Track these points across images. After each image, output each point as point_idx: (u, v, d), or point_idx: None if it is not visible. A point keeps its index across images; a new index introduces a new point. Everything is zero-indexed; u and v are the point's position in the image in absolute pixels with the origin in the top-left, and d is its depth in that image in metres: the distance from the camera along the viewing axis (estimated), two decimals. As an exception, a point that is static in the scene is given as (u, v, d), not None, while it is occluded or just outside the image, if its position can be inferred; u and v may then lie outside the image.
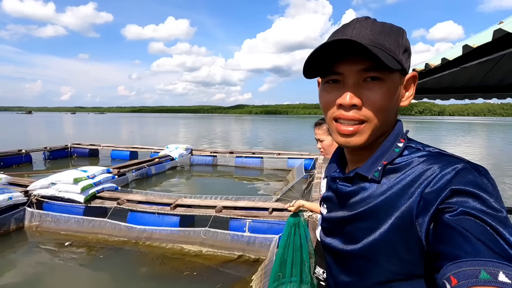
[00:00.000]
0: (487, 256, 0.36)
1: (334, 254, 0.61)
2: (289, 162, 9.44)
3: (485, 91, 2.71)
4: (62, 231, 4.36)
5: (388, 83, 0.50)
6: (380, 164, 0.53)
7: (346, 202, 0.58)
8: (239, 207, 4.30)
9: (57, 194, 4.70)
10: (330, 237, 0.62)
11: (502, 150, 16.96)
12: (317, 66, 0.53)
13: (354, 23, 0.51)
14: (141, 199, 4.67)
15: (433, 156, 0.49)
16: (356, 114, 0.50)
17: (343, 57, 0.50)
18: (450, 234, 0.39)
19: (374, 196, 0.52)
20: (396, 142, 0.55)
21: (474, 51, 1.07)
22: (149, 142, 16.64)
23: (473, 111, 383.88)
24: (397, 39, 0.50)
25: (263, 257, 3.62)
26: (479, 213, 0.39)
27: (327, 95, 0.54)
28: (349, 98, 0.49)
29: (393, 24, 0.52)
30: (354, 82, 0.50)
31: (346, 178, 0.59)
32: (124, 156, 10.68)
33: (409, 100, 0.56)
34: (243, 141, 20.74)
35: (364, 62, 0.49)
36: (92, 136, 22.27)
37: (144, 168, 8.02)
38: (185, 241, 3.99)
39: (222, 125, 47.63)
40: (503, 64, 2.21)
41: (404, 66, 0.51)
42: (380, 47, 0.48)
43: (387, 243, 0.49)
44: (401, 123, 0.58)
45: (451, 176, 0.43)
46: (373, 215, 0.51)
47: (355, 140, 0.52)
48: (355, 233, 0.54)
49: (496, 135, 29.77)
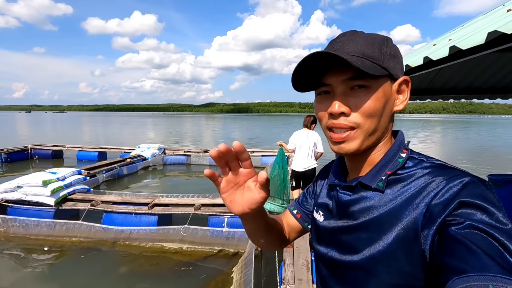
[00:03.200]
0: (494, 271, 0.35)
1: (330, 265, 0.60)
2: (263, 160, 9.69)
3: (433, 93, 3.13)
4: (32, 236, 4.18)
5: (375, 89, 0.51)
6: (384, 174, 0.54)
7: (346, 211, 0.57)
8: (217, 204, 4.42)
9: (24, 197, 4.48)
10: (325, 247, 0.62)
11: (454, 143, 18.78)
12: (307, 79, 0.55)
13: (340, 37, 0.54)
14: (116, 200, 4.60)
15: (438, 168, 0.50)
16: (345, 121, 0.52)
17: (329, 69, 0.53)
18: (457, 247, 0.39)
19: (378, 206, 0.52)
20: (399, 152, 0.56)
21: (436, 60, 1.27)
22: (117, 142, 16.02)
23: (430, 109, 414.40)
24: (381, 47, 0.52)
25: (242, 250, 3.79)
26: (487, 227, 0.39)
27: (320, 106, 0.56)
28: (337, 106, 0.52)
29: (379, 34, 0.55)
30: (341, 91, 0.52)
31: (348, 187, 0.59)
32: (92, 157, 10.24)
33: (403, 104, 0.56)
34: (215, 140, 20.68)
35: (348, 72, 0.51)
36: (53, 136, 20.89)
37: (116, 169, 7.79)
38: (164, 239, 4.04)
39: (193, 124, 46.87)
40: (446, 70, 2.58)
41: (391, 71, 0.52)
42: (362, 56, 0.50)
43: (389, 255, 0.48)
44: (402, 134, 0.59)
45: (459, 188, 0.43)
46: (376, 226, 0.51)
47: (347, 147, 0.53)
48: (356, 243, 0.53)
49: (450, 131, 32.61)
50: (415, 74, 1.61)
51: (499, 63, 2.61)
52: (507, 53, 2.34)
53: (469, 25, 1.58)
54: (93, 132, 27.71)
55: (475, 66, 2.71)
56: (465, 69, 2.75)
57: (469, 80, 2.99)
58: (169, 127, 37.23)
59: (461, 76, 2.90)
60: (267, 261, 3.60)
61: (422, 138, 23.09)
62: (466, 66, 2.66)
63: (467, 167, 10.42)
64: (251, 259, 3.03)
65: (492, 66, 2.70)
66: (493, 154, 14.31)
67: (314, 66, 0.53)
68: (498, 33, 0.73)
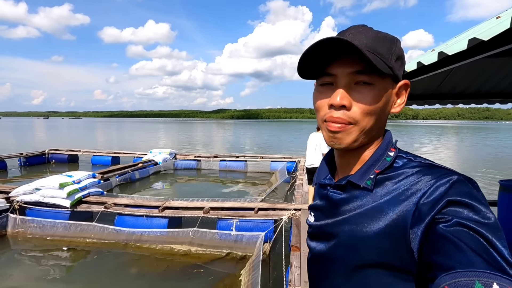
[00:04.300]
0: (481, 267, 0.36)
1: (317, 259, 0.61)
2: (272, 165, 9.72)
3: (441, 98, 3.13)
4: (48, 237, 4.35)
5: (378, 88, 0.51)
6: (372, 172, 0.54)
7: (337, 210, 0.57)
8: (226, 208, 4.49)
9: (41, 199, 4.68)
10: (315, 242, 0.62)
11: (468, 148, 18.27)
12: (312, 67, 0.54)
13: (351, 29, 0.52)
14: (128, 203, 4.74)
15: (426, 167, 0.50)
16: (344, 115, 0.51)
17: (336, 59, 0.51)
18: (444, 245, 0.39)
19: (367, 204, 0.52)
20: (387, 151, 0.55)
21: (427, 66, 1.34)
22: (130, 147, 16.42)
23: (444, 115, 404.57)
24: (391, 46, 0.51)
25: (250, 253, 3.83)
26: (474, 224, 0.39)
27: (320, 96, 0.55)
28: (339, 98, 0.50)
29: (388, 33, 0.53)
30: (345, 84, 0.51)
31: (338, 186, 0.58)
32: (106, 161, 10.53)
33: (400, 107, 0.56)
34: (226, 145, 20.86)
35: (356, 65, 0.50)
36: (69, 141, 21.57)
37: (128, 173, 8.00)
38: (174, 242, 4.13)
39: (204, 130, 47.40)
40: (452, 75, 2.59)
41: (396, 72, 0.52)
42: (372, 51, 0.49)
43: (374, 248, 0.49)
44: (390, 133, 0.59)
45: (447, 187, 0.44)
46: (360, 219, 0.51)
47: (341, 137, 0.53)
48: (339, 236, 0.54)
49: (465, 137, 31.73)
50: (413, 79, 1.65)
51: (508, 67, 2.60)
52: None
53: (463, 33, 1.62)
54: (107, 137, 28.46)
55: (483, 71, 2.70)
56: (472, 74, 2.74)
57: (477, 85, 2.98)
58: (180, 132, 37.80)
59: (469, 81, 2.89)
60: (275, 264, 3.63)
61: (436, 145, 22.59)
62: (473, 71, 2.66)
63: (482, 174, 10.14)
64: (258, 261, 3.07)
65: (500, 71, 2.69)
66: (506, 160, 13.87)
67: (322, 54, 0.51)
68: (477, 40, 0.77)
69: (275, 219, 4.20)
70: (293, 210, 4.27)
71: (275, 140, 26.63)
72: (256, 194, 7.11)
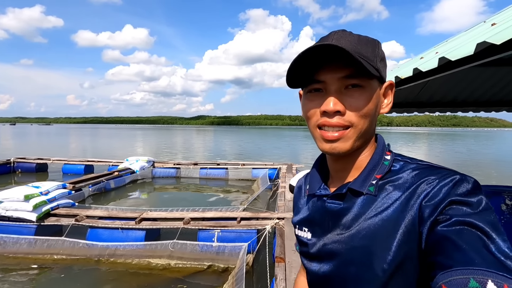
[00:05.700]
0: (477, 264, 0.36)
1: (324, 281, 0.57)
2: (254, 172, 9.63)
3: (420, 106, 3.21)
4: (10, 254, 3.97)
5: (368, 90, 0.51)
6: (373, 178, 0.53)
7: (338, 222, 0.54)
8: (207, 218, 4.33)
9: (3, 213, 4.28)
10: (317, 263, 0.58)
11: (438, 156, 19.22)
12: (300, 75, 0.53)
13: (333, 34, 0.52)
14: (102, 215, 4.45)
15: (426, 168, 0.50)
16: (340, 120, 0.50)
17: (324, 65, 0.51)
18: (444, 244, 0.40)
19: (372, 212, 0.50)
20: (383, 155, 0.55)
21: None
22: (105, 155, 15.68)
23: (416, 122, 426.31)
24: (374, 48, 0.52)
25: (232, 265, 3.68)
26: (472, 218, 0.40)
27: (310, 104, 0.54)
28: (332, 104, 0.50)
29: (368, 36, 0.54)
30: (336, 89, 0.51)
31: (337, 195, 0.56)
32: (78, 170, 9.97)
33: (388, 107, 0.56)
34: (206, 152, 20.52)
35: (345, 70, 0.50)
36: (38, 149, 20.29)
37: (102, 183, 7.59)
38: (152, 255, 3.90)
39: (184, 136, 46.57)
40: (432, 83, 2.66)
41: (382, 74, 0.52)
42: (359, 55, 0.48)
43: (397, 264, 0.47)
44: (381, 136, 0.59)
45: (450, 187, 0.44)
46: (374, 233, 0.49)
47: (340, 145, 0.52)
48: (351, 253, 0.51)
49: (435, 143, 33.41)
50: (403, 86, 1.64)
51: (483, 77, 2.70)
52: (490, 67, 2.43)
53: (454, 40, 1.64)
54: (80, 144, 27.11)
55: (460, 80, 2.80)
56: (450, 83, 2.84)
57: (454, 94, 3.09)
58: (159, 139, 36.84)
59: (447, 90, 2.99)
60: (259, 276, 3.51)
61: (409, 151, 23.57)
62: (451, 80, 2.75)
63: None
64: (242, 274, 2.94)
65: (475, 80, 2.80)
66: (476, 164, 14.69)
67: (310, 61, 0.51)
68: (487, 43, 0.75)
69: (258, 228, 4.09)
70: (276, 219, 4.19)
71: (255, 147, 26.61)
72: (238, 203, 6.97)
